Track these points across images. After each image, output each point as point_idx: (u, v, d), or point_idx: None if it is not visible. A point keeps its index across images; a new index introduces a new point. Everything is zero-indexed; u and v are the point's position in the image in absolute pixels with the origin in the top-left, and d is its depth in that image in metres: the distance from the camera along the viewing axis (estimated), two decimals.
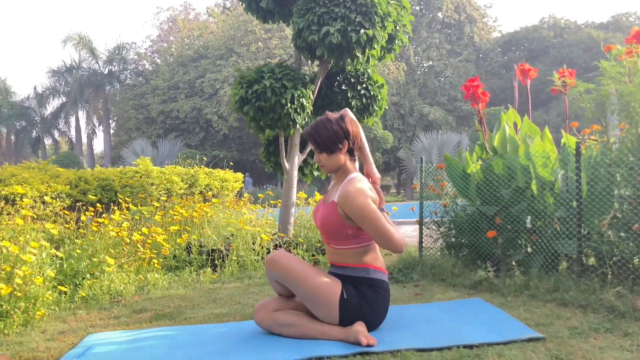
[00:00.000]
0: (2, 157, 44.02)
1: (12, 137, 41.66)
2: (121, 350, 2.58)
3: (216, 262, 4.71)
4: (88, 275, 4.01)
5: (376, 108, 5.87)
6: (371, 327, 2.63)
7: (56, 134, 42.69)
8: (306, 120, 5.43)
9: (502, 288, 3.36)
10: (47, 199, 3.93)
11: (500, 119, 4.23)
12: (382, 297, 2.65)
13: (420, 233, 4.62)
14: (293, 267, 2.64)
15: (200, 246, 4.98)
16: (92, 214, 4.58)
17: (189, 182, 6.61)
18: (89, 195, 4.73)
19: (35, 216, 3.84)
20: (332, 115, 2.72)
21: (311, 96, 5.43)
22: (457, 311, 2.96)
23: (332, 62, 5.48)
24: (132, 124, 32.70)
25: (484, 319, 2.76)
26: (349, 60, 5.28)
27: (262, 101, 5.10)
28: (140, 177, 5.77)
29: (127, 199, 5.16)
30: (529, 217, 3.82)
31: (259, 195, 6.81)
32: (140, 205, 5.27)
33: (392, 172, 40.07)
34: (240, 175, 8.17)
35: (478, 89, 4.25)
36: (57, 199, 4.50)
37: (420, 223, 4.64)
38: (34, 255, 3.33)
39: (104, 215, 4.64)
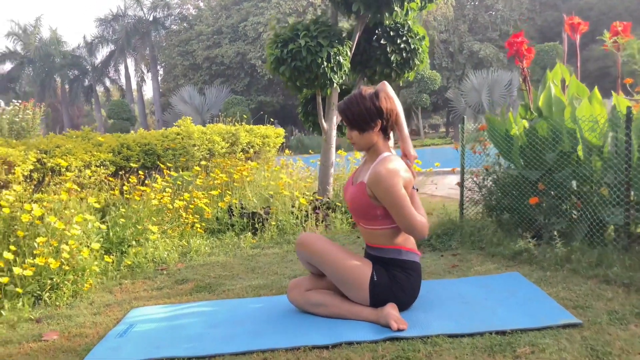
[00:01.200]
0: (59, 105, 45.56)
1: (66, 87, 42.83)
2: (160, 328, 2.69)
3: (256, 225, 4.78)
4: (134, 243, 4.16)
5: (417, 62, 5.65)
6: (402, 307, 2.62)
7: (107, 82, 43.68)
8: (343, 78, 5.30)
9: (542, 260, 3.26)
10: (88, 172, 4.04)
11: (546, 77, 4.00)
12: (414, 279, 2.62)
13: (462, 196, 4.51)
14: (322, 250, 2.64)
15: (242, 208, 5.06)
16: (136, 180, 4.70)
17: (230, 140, 6.65)
18: (131, 163, 4.83)
19: (79, 189, 3.96)
20: (367, 90, 2.62)
21: (348, 53, 5.28)
22: (493, 288, 2.90)
23: (369, 16, 5.26)
24: (178, 71, 33.00)
25: (520, 298, 2.70)
26: (387, 14, 5.06)
27: (298, 61, 4.99)
28: (182, 138, 5.83)
29: (168, 164, 5.25)
30: (574, 182, 3.66)
31: (295, 158, 6.71)
32: (182, 170, 5.36)
33: (441, 112, 39.20)
34: (281, 130, 8.15)
35: (522, 45, 4.00)
36: (101, 167, 4.62)
37: (462, 187, 4.52)
38: (78, 229, 3.45)
39: (147, 181, 4.74)
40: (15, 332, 2.81)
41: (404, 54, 5.54)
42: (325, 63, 4.99)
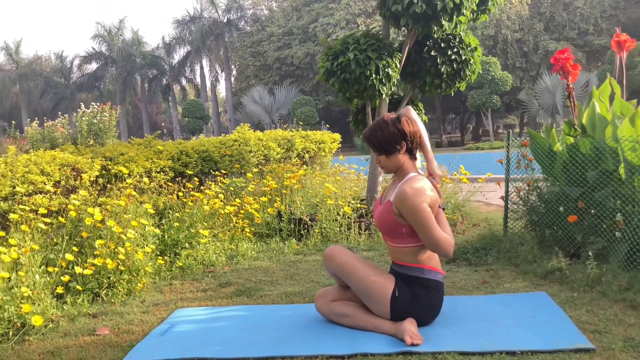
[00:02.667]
0: (139, 103, 48.02)
1: (146, 85, 45.05)
2: (197, 329, 2.94)
3: (302, 232, 4.99)
4: (187, 245, 4.46)
5: (468, 73, 5.65)
6: (422, 323, 2.73)
7: (183, 81, 45.54)
8: (392, 89, 5.40)
9: (573, 281, 3.26)
10: (145, 180, 4.40)
11: (592, 93, 3.94)
12: (435, 297, 2.73)
13: (506, 210, 4.51)
14: (348, 263, 2.79)
15: (291, 213, 5.28)
16: (192, 186, 5.03)
17: (285, 146, 6.90)
18: (188, 171, 5.17)
19: (137, 195, 4.31)
20: (389, 116, 2.76)
21: (398, 65, 5.37)
22: (516, 307, 2.95)
23: (418, 29, 5.34)
24: (250, 71, 33.93)
25: (539, 319, 2.75)
26: (435, 27, 5.12)
27: (347, 73, 5.15)
28: (239, 145, 6.13)
29: (223, 170, 5.55)
30: (618, 202, 3.61)
31: (360, 159, 6.84)
32: (238, 175, 5.65)
33: (516, 112, 38.10)
34: (337, 136, 8.32)
35: (568, 61, 3.97)
36: (161, 173, 4.98)
37: (506, 200, 4.52)
38: (133, 233, 3.77)
39: (202, 187, 5.06)
40: (74, 325, 3.15)
41: (454, 65, 5.55)
42: (373, 75, 5.12)
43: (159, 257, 4.18)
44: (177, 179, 5.09)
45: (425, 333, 2.64)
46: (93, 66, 44.53)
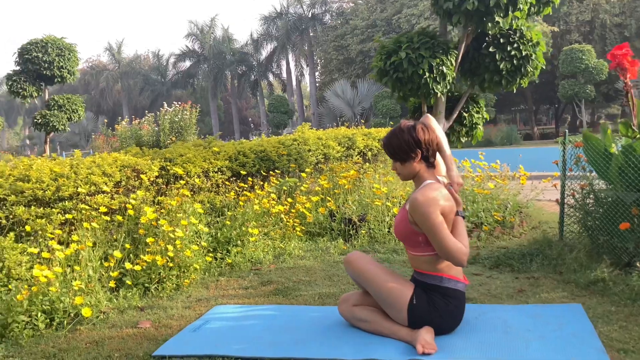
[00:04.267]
0: (229, 98, 49.82)
1: (235, 81, 46.63)
2: (227, 327, 3.09)
3: (351, 232, 5.04)
4: (239, 242, 4.66)
5: (530, 69, 5.43)
6: (440, 331, 2.71)
7: (270, 76, 46.65)
8: (447, 87, 5.31)
9: (615, 293, 3.08)
10: (197, 181, 4.63)
11: None
12: (453, 306, 2.70)
13: (561, 215, 4.31)
14: (366, 269, 2.83)
15: (344, 213, 5.34)
16: (245, 185, 5.24)
17: (346, 145, 6.95)
18: (244, 171, 5.38)
19: (189, 195, 4.55)
20: (406, 124, 2.76)
21: (453, 63, 5.26)
22: (544, 319, 2.84)
23: (473, 26, 5.20)
24: (333, 66, 34.16)
25: (565, 333, 2.64)
26: (489, 24, 4.96)
27: (400, 72, 5.13)
28: (298, 144, 6.26)
29: (277, 171, 5.71)
30: None
31: None
32: (290, 176, 5.79)
33: (616, 102, 35.62)
34: None
35: (626, 57, 3.72)
36: (218, 173, 5.22)
37: (562, 205, 4.32)
38: (181, 232, 4.00)
39: (255, 187, 5.25)
40: (122, 317, 3.40)
41: (514, 62, 5.36)
42: (427, 74, 5.06)
43: (210, 254, 4.40)
44: (233, 178, 5.30)
45: (442, 342, 2.62)
46: (187, 64, 46.73)
